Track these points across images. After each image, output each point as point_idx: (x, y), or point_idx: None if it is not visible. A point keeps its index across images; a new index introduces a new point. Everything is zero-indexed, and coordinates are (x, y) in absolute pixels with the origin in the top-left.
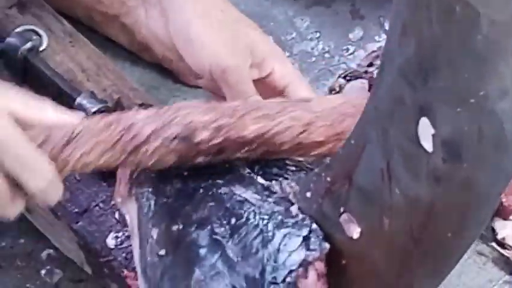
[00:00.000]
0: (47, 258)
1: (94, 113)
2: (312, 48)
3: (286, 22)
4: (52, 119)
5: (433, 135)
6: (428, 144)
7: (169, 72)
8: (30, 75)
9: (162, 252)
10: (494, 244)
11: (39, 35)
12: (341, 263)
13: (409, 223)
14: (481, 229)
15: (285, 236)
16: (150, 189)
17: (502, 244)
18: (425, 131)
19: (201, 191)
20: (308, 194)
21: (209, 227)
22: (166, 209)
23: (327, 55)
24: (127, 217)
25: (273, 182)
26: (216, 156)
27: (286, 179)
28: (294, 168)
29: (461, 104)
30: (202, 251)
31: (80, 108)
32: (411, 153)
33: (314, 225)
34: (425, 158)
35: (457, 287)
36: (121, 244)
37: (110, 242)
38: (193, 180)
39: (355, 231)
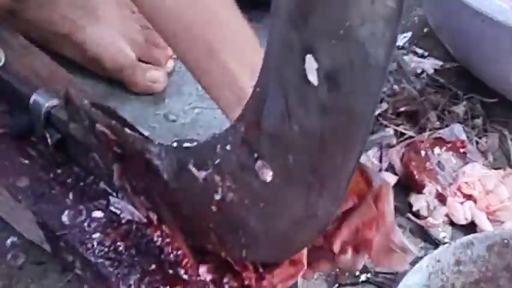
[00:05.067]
0: (12, 245)
1: (48, 108)
2: None
3: None
4: None
5: (317, 70)
6: (314, 78)
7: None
8: None
9: None
10: (410, 215)
11: None
12: (259, 206)
13: (307, 155)
14: (362, 150)
15: None
16: None
17: (417, 215)
18: (311, 66)
19: None
20: (228, 147)
21: None
22: None
23: None
24: None
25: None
26: None
27: None
28: None
29: (334, 37)
30: None
31: (35, 104)
32: (302, 90)
33: None
34: (313, 92)
35: None
36: (74, 220)
37: (65, 218)
38: None
39: (268, 175)
